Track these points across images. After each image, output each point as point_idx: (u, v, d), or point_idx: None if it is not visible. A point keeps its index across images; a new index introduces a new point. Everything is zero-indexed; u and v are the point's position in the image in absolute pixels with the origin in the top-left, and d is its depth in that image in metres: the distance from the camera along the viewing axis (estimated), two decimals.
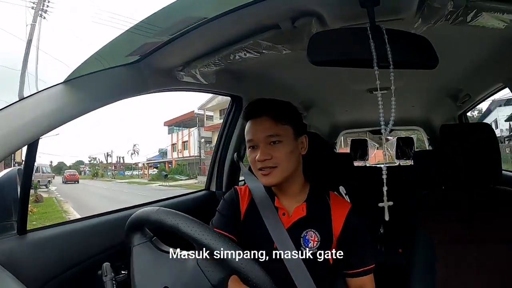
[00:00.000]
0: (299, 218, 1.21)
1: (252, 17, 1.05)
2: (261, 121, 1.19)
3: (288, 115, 1.21)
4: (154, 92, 1.36)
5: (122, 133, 74.70)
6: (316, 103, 2.68)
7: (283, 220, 1.20)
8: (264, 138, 1.17)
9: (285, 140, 1.18)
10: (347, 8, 1.01)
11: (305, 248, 1.17)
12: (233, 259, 0.84)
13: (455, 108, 2.63)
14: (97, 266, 1.01)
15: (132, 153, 41.01)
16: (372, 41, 0.86)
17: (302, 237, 1.19)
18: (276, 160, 1.16)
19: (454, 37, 1.35)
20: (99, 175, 38.57)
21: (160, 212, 0.91)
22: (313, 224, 1.20)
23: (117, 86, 1.18)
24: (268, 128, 1.17)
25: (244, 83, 1.88)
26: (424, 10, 0.98)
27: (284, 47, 1.19)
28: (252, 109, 1.23)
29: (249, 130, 1.21)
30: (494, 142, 1.40)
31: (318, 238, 1.19)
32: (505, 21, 0.97)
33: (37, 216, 11.30)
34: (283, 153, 1.17)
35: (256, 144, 1.19)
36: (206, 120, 27.94)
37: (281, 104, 1.25)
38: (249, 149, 1.22)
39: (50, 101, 1.02)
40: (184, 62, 1.29)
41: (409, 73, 1.86)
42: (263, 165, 1.17)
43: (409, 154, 4.19)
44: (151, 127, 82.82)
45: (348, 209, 1.24)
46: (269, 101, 1.24)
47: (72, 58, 16.30)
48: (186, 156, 31.36)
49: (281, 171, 1.17)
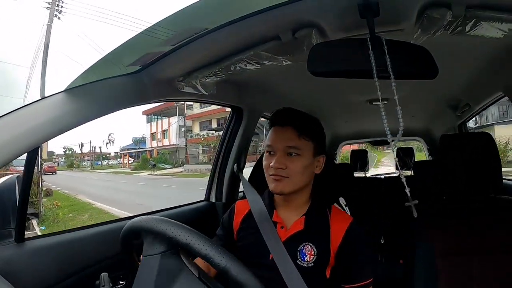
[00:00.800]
0: (296, 232, 1.20)
1: (252, 28, 1.06)
2: (284, 130, 1.18)
3: (312, 131, 1.20)
4: (155, 102, 1.36)
5: (97, 122, 74.06)
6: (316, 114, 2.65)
7: (280, 233, 1.19)
8: (284, 148, 1.17)
9: (304, 154, 1.17)
10: (347, 19, 1.02)
11: (301, 262, 1.16)
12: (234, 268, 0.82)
13: (454, 117, 2.64)
14: (94, 276, 1.00)
15: (108, 142, 40.92)
16: (372, 52, 0.87)
17: (298, 250, 1.17)
18: (289, 171, 1.16)
19: (453, 47, 1.35)
20: (75, 166, 38.50)
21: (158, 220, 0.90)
22: (310, 238, 1.19)
23: (118, 95, 1.18)
24: (289, 139, 1.17)
25: (245, 94, 1.88)
26: (423, 20, 0.99)
27: (284, 58, 1.19)
28: (278, 117, 1.23)
29: (271, 137, 1.21)
30: (494, 151, 1.40)
31: (314, 252, 1.18)
32: (504, 30, 0.97)
33: (68, 209, 11.20)
34: (298, 167, 1.16)
35: (274, 151, 1.19)
36: (186, 110, 28.07)
37: (308, 119, 1.24)
38: (266, 153, 1.22)
39: (51, 109, 1.02)
40: (185, 73, 1.30)
41: (408, 83, 1.86)
42: (275, 172, 1.16)
43: (409, 164, 4.18)
44: (128, 116, 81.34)
45: (348, 223, 1.23)
46: (297, 113, 1.24)
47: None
48: (166, 145, 31.70)
49: (292, 183, 1.17)
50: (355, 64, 0.91)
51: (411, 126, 3.49)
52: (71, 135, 66.38)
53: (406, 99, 2.25)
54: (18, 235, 1.11)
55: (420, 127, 3.49)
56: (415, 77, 1.00)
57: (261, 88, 1.90)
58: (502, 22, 0.95)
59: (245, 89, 1.85)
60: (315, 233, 1.20)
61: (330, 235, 1.20)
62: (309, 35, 1.07)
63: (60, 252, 1.20)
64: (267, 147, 1.21)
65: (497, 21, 0.95)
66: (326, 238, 1.20)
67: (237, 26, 0.99)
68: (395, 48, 0.89)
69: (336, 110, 2.78)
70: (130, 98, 1.23)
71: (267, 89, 1.93)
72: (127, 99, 1.22)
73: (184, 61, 1.22)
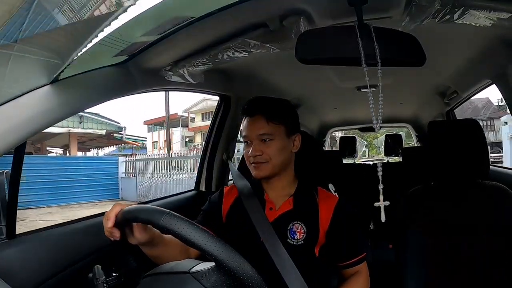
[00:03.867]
0: (285, 211, 1.25)
1: (240, 16, 1.05)
2: (255, 119, 1.25)
3: (281, 115, 1.26)
4: (142, 92, 1.34)
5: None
6: (305, 102, 2.68)
7: (269, 214, 1.24)
8: (257, 136, 1.23)
9: (277, 138, 1.23)
10: (335, 6, 1.02)
11: (292, 240, 1.21)
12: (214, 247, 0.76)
13: (442, 105, 2.65)
14: (88, 269, 0.99)
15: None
16: (360, 39, 0.87)
17: (288, 229, 1.22)
18: (266, 156, 1.22)
19: (441, 34, 1.36)
20: None
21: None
22: (299, 217, 1.24)
23: (105, 86, 1.17)
24: (260, 127, 1.23)
25: (233, 82, 1.87)
26: (411, 8, 0.99)
27: (272, 46, 1.19)
28: (248, 107, 1.28)
29: (245, 127, 1.27)
30: (482, 138, 1.42)
31: (304, 230, 1.22)
32: (492, 19, 0.98)
33: None
34: (274, 150, 1.22)
35: (250, 140, 1.25)
36: (190, 122, 28.56)
37: (277, 103, 1.30)
38: (244, 143, 1.28)
39: (37, 102, 1.00)
40: (172, 62, 1.29)
41: (397, 71, 1.86)
42: (255, 160, 1.23)
43: (397, 151, 4.21)
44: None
45: (335, 202, 1.28)
46: (265, 100, 1.31)
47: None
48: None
49: (271, 166, 1.23)
50: (343, 52, 0.91)
51: (400, 113, 3.51)
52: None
53: (395, 86, 2.26)
54: (9, 232, 1.10)
55: (409, 114, 3.51)
56: (403, 64, 1.00)
57: (249, 76, 1.89)
58: (490, 11, 0.95)
59: (233, 77, 1.84)
60: (304, 212, 1.25)
61: (318, 214, 1.25)
62: (297, 23, 1.07)
63: (52, 246, 1.19)
64: (244, 137, 1.28)
65: (485, 10, 0.95)
66: (314, 217, 1.25)
67: (224, 14, 0.98)
68: (383, 35, 0.89)
69: (325, 97, 2.78)
70: (118, 88, 1.21)
71: (255, 77, 1.92)
72: (115, 89, 1.20)
73: (171, 50, 1.21)
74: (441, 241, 1.40)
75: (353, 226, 1.28)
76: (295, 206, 1.25)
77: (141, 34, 1.01)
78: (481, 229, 1.37)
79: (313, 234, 1.23)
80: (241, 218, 1.24)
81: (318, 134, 3.94)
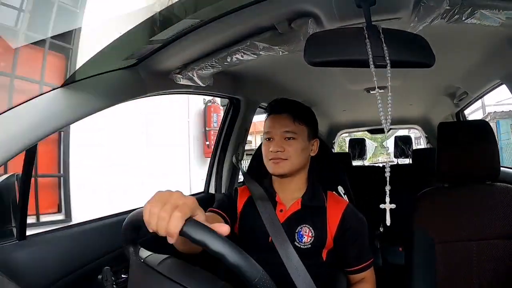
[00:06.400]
0: (293, 212, 1.26)
1: (248, 19, 1.05)
2: (281, 117, 1.29)
3: (306, 117, 1.30)
4: (152, 95, 1.35)
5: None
6: (314, 104, 2.68)
7: (280, 216, 1.25)
8: (281, 133, 1.27)
9: (299, 138, 1.26)
10: (343, 8, 1.01)
11: (299, 243, 1.22)
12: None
13: (452, 106, 2.63)
14: (97, 271, 1.00)
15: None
16: (369, 41, 0.86)
17: (296, 232, 1.23)
18: (288, 153, 1.25)
19: (450, 35, 1.35)
20: None
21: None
22: (308, 220, 1.25)
23: (115, 90, 1.17)
24: (286, 125, 1.27)
25: (242, 85, 1.88)
26: (420, 9, 0.98)
27: (281, 49, 1.19)
28: (275, 105, 1.32)
29: (268, 124, 1.30)
30: (492, 139, 1.41)
31: (312, 233, 1.23)
32: (501, 18, 0.97)
33: None
34: (295, 149, 1.26)
35: (272, 136, 1.27)
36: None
37: (302, 106, 1.36)
38: (265, 140, 1.30)
39: (49, 105, 1.01)
40: (182, 65, 1.29)
41: (406, 72, 1.86)
42: (275, 156, 1.25)
43: (407, 152, 4.19)
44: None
45: (344, 207, 1.28)
46: (292, 101, 1.36)
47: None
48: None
49: (290, 164, 1.25)
50: (351, 53, 0.91)
51: (409, 114, 3.49)
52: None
53: (404, 87, 2.25)
54: (20, 233, 1.11)
55: (418, 115, 3.49)
56: (412, 65, 0.99)
57: (258, 79, 1.90)
58: (499, 10, 0.94)
59: (242, 80, 1.85)
60: (313, 215, 1.26)
61: (326, 218, 1.26)
62: (305, 25, 1.07)
63: (62, 248, 1.19)
64: (265, 134, 1.30)
65: (494, 9, 0.94)
66: (323, 221, 1.25)
67: (233, 17, 0.99)
68: (391, 36, 0.89)
69: (334, 99, 2.77)
70: (127, 92, 1.22)
71: (264, 79, 1.93)
72: (125, 93, 1.21)
73: (181, 54, 1.22)
74: (451, 245, 1.38)
75: (360, 232, 1.28)
76: (303, 207, 1.26)
77: (151, 38, 1.02)
78: (492, 232, 1.36)
79: (320, 238, 1.23)
80: (252, 218, 1.26)
81: (327, 136, 3.93)
